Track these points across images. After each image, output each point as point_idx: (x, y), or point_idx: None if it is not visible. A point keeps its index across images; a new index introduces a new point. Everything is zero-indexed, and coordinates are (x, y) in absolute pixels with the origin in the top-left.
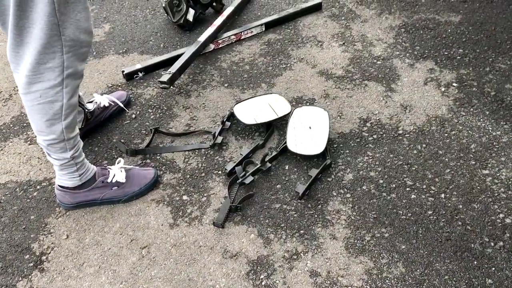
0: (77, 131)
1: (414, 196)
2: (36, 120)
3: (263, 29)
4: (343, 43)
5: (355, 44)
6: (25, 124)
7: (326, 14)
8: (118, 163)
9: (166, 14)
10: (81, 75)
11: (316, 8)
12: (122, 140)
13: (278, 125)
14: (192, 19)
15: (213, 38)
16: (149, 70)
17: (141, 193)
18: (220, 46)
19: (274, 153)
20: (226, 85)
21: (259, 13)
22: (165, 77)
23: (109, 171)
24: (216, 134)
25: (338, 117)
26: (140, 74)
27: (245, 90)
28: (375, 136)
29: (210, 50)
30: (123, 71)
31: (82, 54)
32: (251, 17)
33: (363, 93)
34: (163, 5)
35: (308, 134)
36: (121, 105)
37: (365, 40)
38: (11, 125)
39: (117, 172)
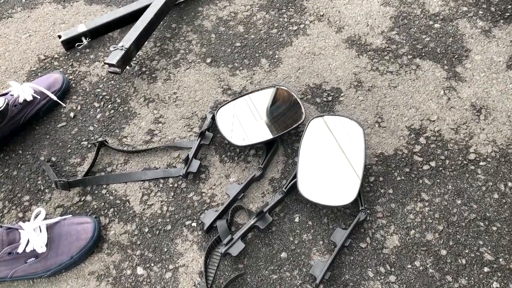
0: None
1: (498, 286)
2: None
3: None
4: None
5: None
6: None
7: None
8: (36, 218)
9: None
10: None
11: None
12: (53, 158)
13: (285, 138)
14: None
15: None
16: (98, 33)
17: (74, 263)
18: None
19: (277, 198)
20: (209, 60)
21: None
22: (115, 56)
23: (19, 233)
24: (191, 157)
25: (376, 125)
26: (85, 41)
27: (237, 70)
28: (433, 164)
29: None
30: (59, 36)
31: None
32: None
33: (414, 82)
34: None
35: (332, 166)
36: (54, 97)
37: None
38: None
39: (32, 235)
